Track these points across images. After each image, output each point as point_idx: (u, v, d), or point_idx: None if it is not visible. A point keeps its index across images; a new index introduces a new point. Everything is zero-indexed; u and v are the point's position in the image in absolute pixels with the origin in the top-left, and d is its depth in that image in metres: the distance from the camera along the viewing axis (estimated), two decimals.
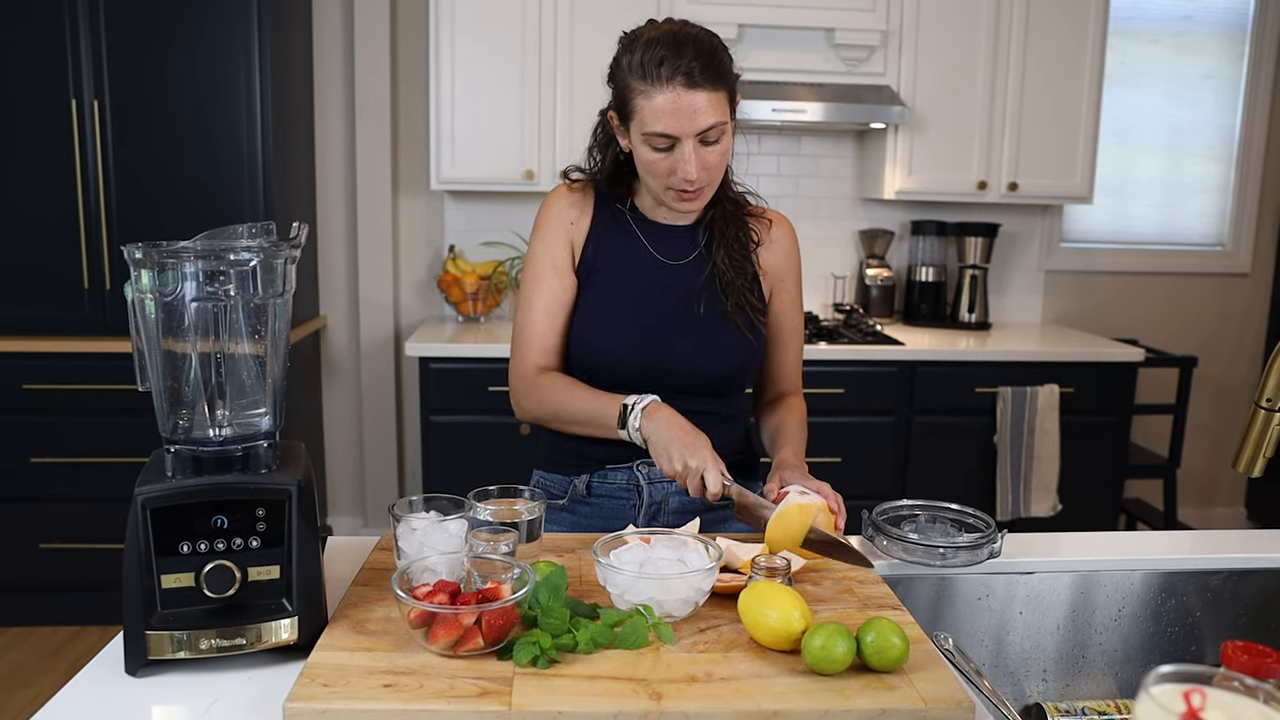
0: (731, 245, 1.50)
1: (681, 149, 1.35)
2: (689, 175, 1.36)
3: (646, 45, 1.35)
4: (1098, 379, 3.33)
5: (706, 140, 1.36)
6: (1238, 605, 1.45)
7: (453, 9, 3.17)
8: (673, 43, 1.34)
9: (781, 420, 1.54)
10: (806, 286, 3.78)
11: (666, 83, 1.33)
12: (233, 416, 1.06)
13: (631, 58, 1.36)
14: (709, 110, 1.34)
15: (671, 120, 1.34)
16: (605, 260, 1.49)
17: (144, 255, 1.00)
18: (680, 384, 1.46)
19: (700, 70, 1.33)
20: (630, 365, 1.45)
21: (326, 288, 3.66)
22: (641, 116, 1.36)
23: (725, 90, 1.37)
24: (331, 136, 3.56)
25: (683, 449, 1.31)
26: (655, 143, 1.36)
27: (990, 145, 3.43)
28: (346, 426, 3.75)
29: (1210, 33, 3.88)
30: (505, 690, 0.92)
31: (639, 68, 1.35)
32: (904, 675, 0.98)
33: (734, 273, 1.48)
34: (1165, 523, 3.57)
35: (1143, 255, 3.97)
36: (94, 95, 2.90)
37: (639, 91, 1.35)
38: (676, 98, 1.33)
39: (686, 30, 1.38)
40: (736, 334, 1.48)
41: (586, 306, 1.48)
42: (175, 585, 1.00)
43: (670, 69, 1.33)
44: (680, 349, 1.46)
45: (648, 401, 1.37)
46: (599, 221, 1.50)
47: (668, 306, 1.47)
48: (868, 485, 3.19)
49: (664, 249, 1.50)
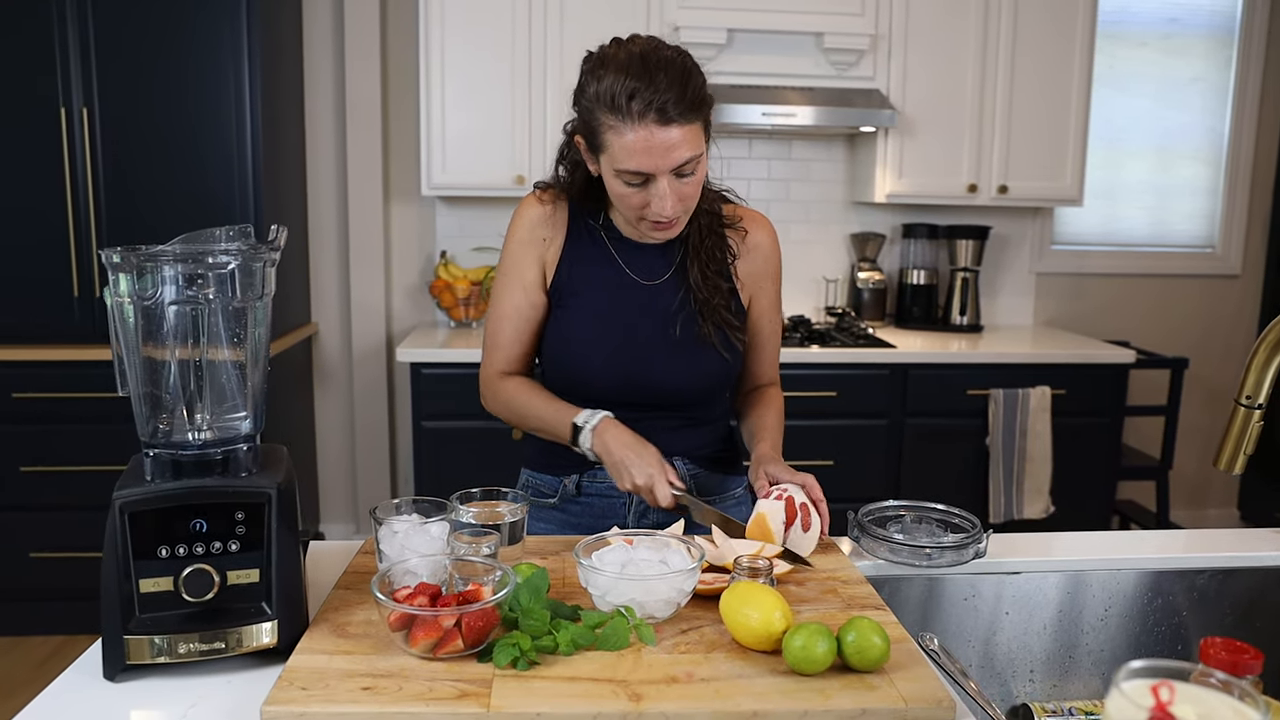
0: (706, 264, 1.45)
1: (656, 185, 1.30)
2: (664, 212, 1.32)
3: (614, 74, 1.26)
4: (1089, 381, 3.33)
5: (682, 173, 1.30)
6: (1224, 604, 1.45)
7: (443, 14, 3.18)
8: (643, 72, 1.25)
9: (760, 415, 1.55)
10: (798, 290, 3.79)
11: (638, 119, 1.25)
12: (212, 420, 1.06)
13: (599, 86, 1.28)
14: (684, 145, 1.27)
15: (645, 159, 1.27)
16: (579, 281, 1.46)
17: (122, 259, 1.00)
18: (658, 401, 1.46)
19: (674, 104, 1.25)
20: (607, 385, 1.44)
21: (318, 294, 3.66)
22: (612, 152, 1.29)
23: (700, 120, 1.30)
24: (322, 143, 3.56)
25: (630, 468, 1.33)
26: (628, 179, 1.31)
27: (980, 148, 3.44)
28: (339, 432, 3.74)
29: (1198, 35, 3.89)
30: (484, 692, 0.92)
31: (608, 100, 1.26)
32: (885, 675, 0.97)
33: (708, 292, 1.44)
34: (1158, 524, 3.58)
35: (1133, 257, 3.98)
36: (83, 103, 2.90)
37: (608, 126, 1.28)
38: (649, 136, 1.25)
39: (658, 54, 1.28)
40: (714, 354, 1.46)
41: (561, 327, 1.47)
42: (154, 589, 0.99)
43: (642, 104, 1.24)
44: (657, 370, 1.45)
45: (598, 420, 1.38)
46: (572, 239, 1.47)
47: (643, 328, 1.45)
48: (860, 488, 3.19)
49: (638, 268, 1.47)
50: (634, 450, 1.35)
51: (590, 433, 1.38)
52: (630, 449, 1.35)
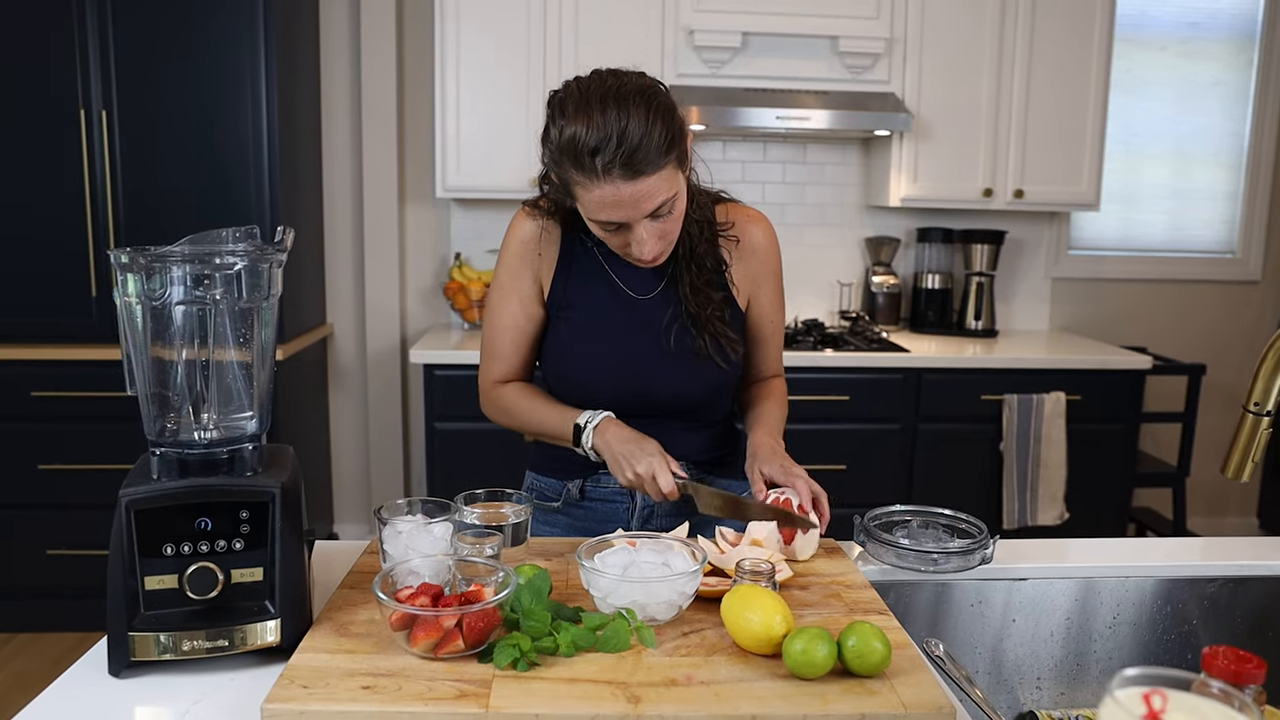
0: (697, 275, 1.42)
1: (633, 231, 1.27)
2: (643, 255, 1.29)
3: (576, 123, 1.20)
4: (1105, 387, 3.31)
5: (658, 214, 1.26)
6: (1236, 613, 1.43)
7: (458, 17, 3.19)
8: (603, 123, 1.18)
9: (760, 405, 1.54)
10: (812, 294, 3.79)
11: (603, 175, 1.20)
12: (219, 420, 1.07)
13: (562, 137, 1.22)
14: (656, 193, 1.23)
15: (615, 211, 1.23)
16: (574, 296, 1.46)
17: (130, 260, 1.01)
18: (658, 409, 1.46)
19: (641, 156, 1.19)
20: (608, 394, 1.44)
21: (333, 296, 3.68)
22: (584, 204, 1.27)
23: (672, 160, 1.23)
24: (338, 145, 3.59)
25: (631, 460, 1.33)
26: (604, 226, 1.28)
27: (996, 152, 3.42)
28: (353, 433, 3.76)
29: (1218, 39, 3.86)
30: (483, 692, 0.92)
31: (571, 153, 1.20)
32: (885, 680, 0.97)
33: (699, 305, 1.42)
34: (1174, 532, 3.54)
35: (1151, 263, 3.94)
36: (102, 105, 2.93)
37: (575, 181, 1.23)
38: (616, 191, 1.21)
39: (621, 97, 1.20)
40: (710, 365, 1.45)
41: (559, 342, 1.47)
42: (159, 587, 1.00)
43: (605, 160, 1.18)
44: (655, 380, 1.45)
45: (599, 419, 1.39)
46: (566, 254, 1.46)
47: (640, 341, 1.44)
48: (873, 493, 3.18)
49: (631, 282, 1.46)
50: (635, 443, 1.35)
51: (592, 431, 1.38)
52: (631, 442, 1.35)
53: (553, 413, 1.44)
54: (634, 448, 1.34)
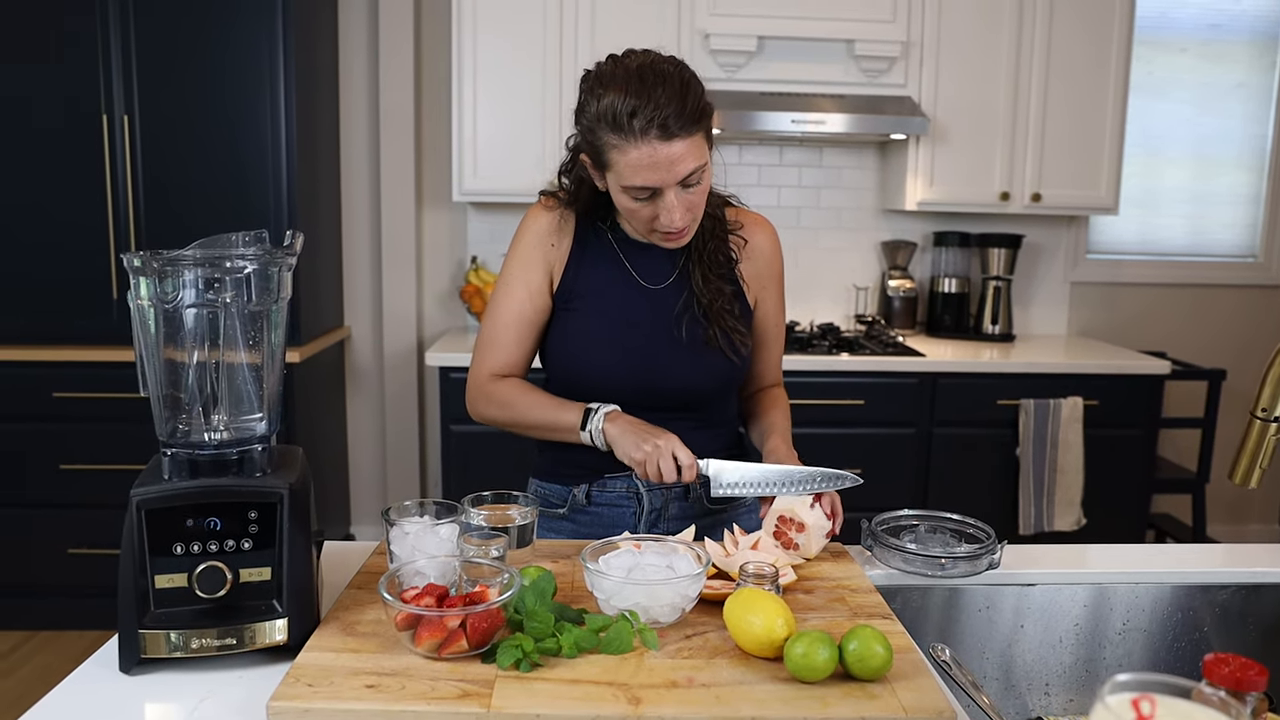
0: (709, 267, 1.46)
1: (664, 198, 1.32)
2: (673, 223, 1.34)
3: (614, 92, 1.28)
4: (1123, 392, 3.28)
5: (688, 184, 1.32)
6: (1248, 620, 1.42)
7: (475, 21, 3.21)
8: (641, 89, 1.27)
9: (768, 414, 1.57)
10: (828, 298, 3.78)
11: (640, 136, 1.27)
12: (229, 421, 1.08)
13: (599, 105, 1.30)
14: (688, 157, 1.29)
15: (650, 174, 1.29)
16: (586, 284, 1.47)
17: (142, 263, 1.03)
18: (667, 401, 1.47)
19: (675, 119, 1.27)
20: (614, 387, 1.45)
21: (351, 298, 3.71)
22: (618, 170, 1.32)
23: (702, 130, 1.32)
24: (356, 149, 3.62)
25: (639, 440, 1.33)
26: (635, 194, 1.33)
27: (1013, 156, 3.40)
28: (370, 435, 3.79)
29: (1240, 41, 3.82)
30: (486, 693, 0.93)
31: (609, 118, 1.28)
32: (886, 684, 0.97)
33: (711, 295, 1.45)
34: (1194, 538, 3.51)
35: (1171, 267, 3.91)
36: (124, 110, 2.97)
37: (612, 145, 1.30)
38: (653, 151, 1.28)
39: (655, 69, 1.30)
40: (720, 357, 1.47)
41: (567, 331, 1.48)
42: (168, 585, 1.02)
43: (644, 121, 1.26)
44: (665, 372, 1.46)
45: (611, 408, 1.40)
46: (580, 243, 1.49)
47: (650, 331, 1.46)
48: (887, 498, 3.16)
49: (644, 271, 1.48)
50: (645, 427, 1.36)
51: (603, 416, 1.38)
52: (641, 426, 1.36)
53: (555, 404, 1.44)
54: (644, 429, 1.35)
